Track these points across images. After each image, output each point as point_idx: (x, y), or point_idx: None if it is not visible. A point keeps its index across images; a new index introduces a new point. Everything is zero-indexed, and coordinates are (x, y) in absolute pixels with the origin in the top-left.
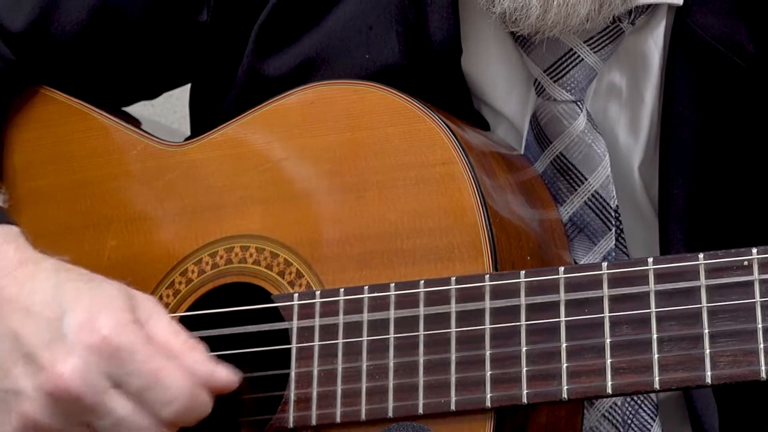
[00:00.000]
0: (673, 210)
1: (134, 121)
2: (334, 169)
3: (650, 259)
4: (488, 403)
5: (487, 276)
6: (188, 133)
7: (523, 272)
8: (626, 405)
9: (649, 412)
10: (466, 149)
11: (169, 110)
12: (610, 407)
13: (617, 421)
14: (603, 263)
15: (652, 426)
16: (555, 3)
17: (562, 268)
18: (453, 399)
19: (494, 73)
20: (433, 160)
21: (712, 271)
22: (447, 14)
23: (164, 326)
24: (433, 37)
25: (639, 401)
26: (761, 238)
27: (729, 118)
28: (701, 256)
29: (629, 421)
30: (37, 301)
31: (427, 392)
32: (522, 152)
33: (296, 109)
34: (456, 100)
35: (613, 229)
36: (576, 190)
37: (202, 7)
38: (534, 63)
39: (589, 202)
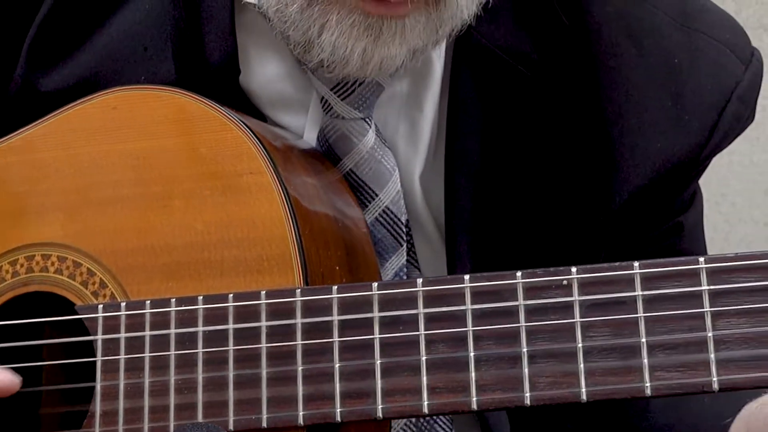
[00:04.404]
0: (460, 222)
1: None
2: (139, 177)
3: (467, 277)
4: (301, 421)
5: (298, 291)
6: None
7: (335, 288)
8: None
9: (444, 425)
10: (274, 159)
11: None
12: (408, 420)
13: None
14: (418, 279)
15: None
16: (375, 58)
17: (375, 284)
18: (265, 416)
19: (277, 90)
20: (241, 169)
21: (530, 290)
22: (224, 34)
23: None
24: (210, 58)
25: None
26: (545, 250)
27: (514, 129)
28: (519, 274)
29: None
30: None
31: (238, 408)
32: None
33: (98, 114)
34: None
35: (404, 245)
36: (367, 206)
37: None
38: (320, 81)
39: (380, 219)
